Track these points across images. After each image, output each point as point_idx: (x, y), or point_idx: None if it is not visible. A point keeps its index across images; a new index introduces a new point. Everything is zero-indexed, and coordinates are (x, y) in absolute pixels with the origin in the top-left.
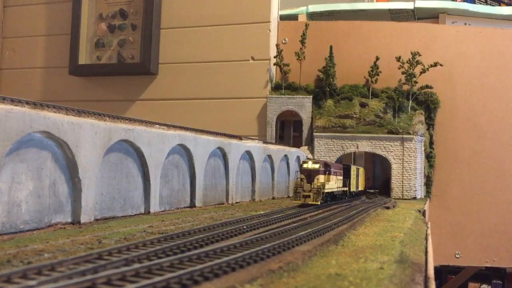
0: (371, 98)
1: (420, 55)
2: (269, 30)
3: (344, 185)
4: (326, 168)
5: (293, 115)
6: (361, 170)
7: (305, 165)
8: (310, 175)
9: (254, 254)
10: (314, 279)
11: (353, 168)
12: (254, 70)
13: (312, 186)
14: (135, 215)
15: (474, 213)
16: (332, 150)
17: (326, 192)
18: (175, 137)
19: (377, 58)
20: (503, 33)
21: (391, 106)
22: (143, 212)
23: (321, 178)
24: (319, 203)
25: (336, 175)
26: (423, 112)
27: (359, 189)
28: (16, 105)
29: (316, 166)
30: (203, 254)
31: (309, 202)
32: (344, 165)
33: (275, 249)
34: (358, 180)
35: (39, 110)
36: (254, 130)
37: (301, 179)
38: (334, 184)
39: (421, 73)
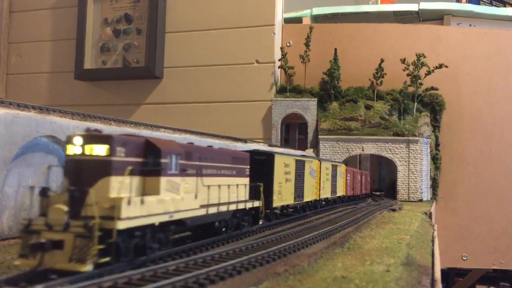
0: (376, 101)
1: (425, 57)
2: (274, 33)
3: (253, 197)
4: (151, 156)
5: (298, 117)
6: (320, 164)
7: (71, 150)
8: (79, 178)
9: (260, 257)
10: (320, 281)
11: (288, 162)
12: (259, 73)
13: (80, 214)
14: None
15: (481, 215)
16: (338, 153)
17: (132, 229)
18: (180, 140)
19: (382, 60)
20: (508, 34)
21: (396, 108)
22: None
23: (114, 185)
24: (87, 268)
25: (198, 175)
26: (428, 114)
27: (321, 196)
28: (22, 110)
29: (101, 150)
30: (209, 257)
31: (57, 267)
32: (257, 154)
33: (280, 252)
34: (305, 183)
35: (45, 114)
36: (259, 133)
37: (45, 196)
38: (185, 199)
39: (426, 75)
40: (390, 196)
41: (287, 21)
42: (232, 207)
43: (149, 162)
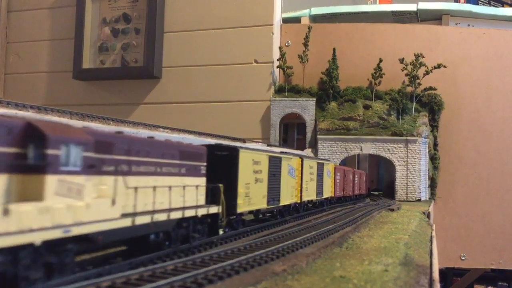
0: (375, 100)
1: (423, 57)
2: (272, 33)
3: (211, 201)
4: (32, 145)
5: (297, 117)
6: (302, 162)
7: None
8: None
9: (258, 257)
10: (319, 281)
11: (259, 158)
12: (257, 73)
13: None
14: None
15: (479, 215)
16: (336, 153)
17: None
18: (178, 140)
19: (380, 60)
20: (506, 34)
21: (394, 108)
22: None
23: None
24: None
25: (119, 174)
26: (427, 114)
27: (303, 198)
28: (20, 110)
29: None
30: (207, 257)
31: None
32: (218, 149)
33: (279, 251)
34: (281, 183)
35: (44, 114)
36: (257, 133)
37: None
38: (93, 207)
39: (424, 74)
40: (388, 196)
41: (285, 21)
42: (176, 214)
43: (29, 153)
